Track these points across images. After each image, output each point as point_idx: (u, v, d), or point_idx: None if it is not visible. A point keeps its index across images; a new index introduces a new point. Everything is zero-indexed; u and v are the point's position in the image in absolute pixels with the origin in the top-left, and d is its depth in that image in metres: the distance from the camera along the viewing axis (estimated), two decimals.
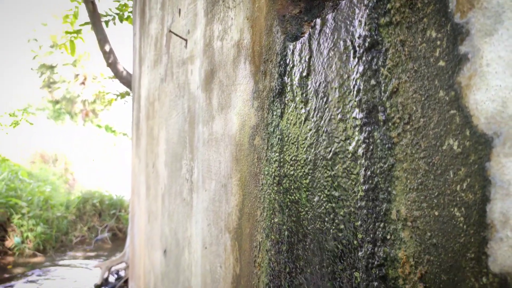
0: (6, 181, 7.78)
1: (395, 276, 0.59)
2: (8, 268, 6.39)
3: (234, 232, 1.19)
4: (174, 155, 1.98)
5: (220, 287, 1.31)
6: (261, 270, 1.01)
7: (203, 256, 1.50)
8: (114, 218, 8.27)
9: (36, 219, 7.29)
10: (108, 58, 5.35)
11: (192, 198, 1.66)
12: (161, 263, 2.25)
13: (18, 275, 6.11)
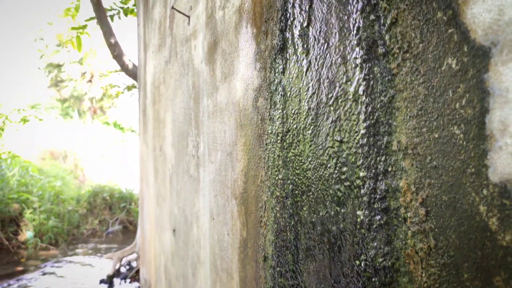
0: (17, 177, 7.88)
1: (396, 206, 0.59)
2: (22, 261, 6.49)
3: (240, 197, 1.20)
4: (180, 134, 1.99)
5: (228, 254, 1.32)
6: (267, 228, 1.02)
7: (211, 227, 1.51)
8: (124, 211, 8.35)
9: (48, 213, 7.38)
10: (113, 50, 5.37)
11: (199, 173, 1.67)
12: (171, 243, 2.27)
13: (31, 267, 6.21)
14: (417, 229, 0.55)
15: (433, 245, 0.53)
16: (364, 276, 0.66)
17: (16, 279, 5.73)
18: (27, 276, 5.85)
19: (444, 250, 0.51)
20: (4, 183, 7.36)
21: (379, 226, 0.62)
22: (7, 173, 7.79)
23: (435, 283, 0.53)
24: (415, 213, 0.56)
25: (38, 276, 5.85)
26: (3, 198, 7.03)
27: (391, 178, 0.60)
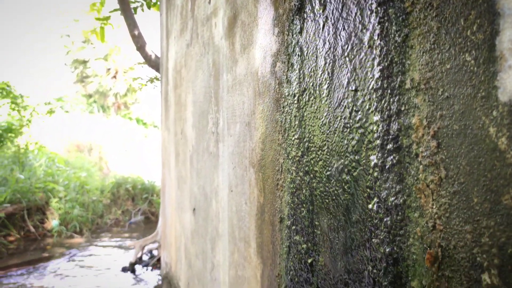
0: (43, 167, 8.14)
1: (409, 143, 0.60)
2: (48, 248, 6.70)
3: (257, 164, 1.22)
4: (201, 114, 2.03)
5: (245, 223, 1.35)
6: (284, 190, 1.04)
7: (229, 200, 1.54)
8: (147, 202, 8.50)
9: (73, 203, 7.60)
10: (137, 42, 5.47)
11: (218, 149, 1.70)
12: (191, 222, 2.31)
13: (57, 254, 6.41)
14: (428, 162, 0.56)
15: (444, 175, 0.54)
16: (377, 218, 0.67)
17: (42, 265, 5.93)
18: (52, 262, 6.05)
19: (455, 178, 0.52)
20: (31, 173, 7.61)
21: (391, 166, 0.63)
22: (34, 164, 8.05)
23: (445, 213, 0.53)
24: (427, 147, 0.56)
25: (63, 262, 6.03)
26: (30, 187, 7.28)
27: (404, 116, 0.61)
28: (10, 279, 5.38)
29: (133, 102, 28.03)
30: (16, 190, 6.94)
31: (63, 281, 5.31)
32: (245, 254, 1.35)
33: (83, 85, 25.15)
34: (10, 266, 5.84)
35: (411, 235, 0.60)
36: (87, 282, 5.23)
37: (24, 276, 5.49)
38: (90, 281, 5.28)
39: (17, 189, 6.96)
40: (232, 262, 1.52)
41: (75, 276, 5.47)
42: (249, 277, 1.32)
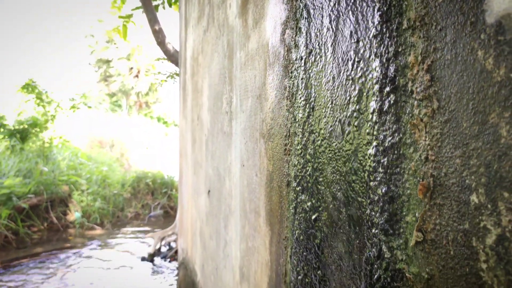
0: (67, 161, 8.37)
1: (405, 82, 0.62)
2: (70, 239, 6.89)
3: (267, 134, 1.25)
4: (216, 96, 2.07)
5: (256, 194, 1.37)
6: (290, 154, 1.06)
7: (241, 175, 1.57)
8: (166, 197, 8.64)
9: (95, 196, 7.78)
10: (157, 37, 5.58)
11: (231, 127, 1.73)
12: (206, 205, 2.36)
13: (78, 244, 6.58)
14: (422, 96, 0.58)
15: (436, 107, 0.55)
16: (375, 161, 0.68)
17: (65, 254, 6.11)
18: (74, 251, 6.22)
19: (446, 107, 0.53)
20: (55, 166, 7.83)
21: (389, 107, 0.65)
22: (58, 157, 8.28)
23: (437, 143, 0.55)
24: (421, 82, 0.58)
25: (84, 252, 6.20)
26: (54, 180, 7.50)
27: (401, 57, 0.62)
28: (35, 266, 5.56)
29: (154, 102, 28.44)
30: (40, 182, 7.15)
31: (85, 268, 5.45)
32: (255, 224, 1.38)
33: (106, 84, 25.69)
34: (34, 254, 6.03)
35: (405, 171, 0.61)
36: (107, 271, 5.36)
37: (48, 263, 5.66)
38: (111, 270, 5.40)
39: (41, 181, 7.17)
40: (243, 235, 1.55)
41: (96, 264, 5.61)
42: (258, 246, 1.35)
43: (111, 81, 25.59)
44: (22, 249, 6.30)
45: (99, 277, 5.18)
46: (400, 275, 0.62)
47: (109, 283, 4.96)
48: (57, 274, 5.28)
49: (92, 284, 4.95)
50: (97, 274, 5.27)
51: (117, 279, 5.10)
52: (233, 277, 1.70)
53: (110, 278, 5.13)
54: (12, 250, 6.24)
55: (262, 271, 1.31)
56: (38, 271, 5.38)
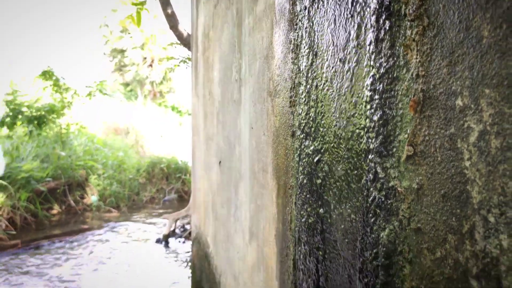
0: (83, 146, 8.54)
1: (398, 7, 0.64)
2: (87, 221, 7.07)
3: (273, 91, 1.28)
4: (226, 67, 2.10)
5: (264, 153, 1.41)
6: (295, 104, 1.09)
7: (250, 138, 1.61)
8: (180, 181, 8.76)
9: (111, 180, 7.94)
10: (170, 21, 5.62)
11: (241, 94, 1.77)
12: (217, 176, 2.41)
13: (96, 226, 6.75)
14: (414, 16, 0.60)
15: (426, 24, 0.58)
16: (371, 90, 0.71)
17: (83, 235, 6.28)
18: (92, 233, 6.39)
19: (435, 23, 0.56)
20: (71, 151, 8.01)
21: (384, 34, 0.68)
22: (75, 143, 8.46)
23: (427, 58, 0.58)
24: (413, 3, 0.61)
25: (101, 233, 6.36)
26: (71, 164, 7.67)
27: None
28: (53, 246, 5.74)
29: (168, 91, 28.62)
30: (57, 167, 7.33)
31: (102, 248, 5.60)
32: (263, 182, 1.43)
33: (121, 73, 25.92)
34: (52, 235, 6.22)
35: (398, 92, 0.64)
36: (124, 250, 5.50)
37: (66, 243, 5.83)
38: (127, 250, 5.55)
39: (58, 165, 7.34)
40: (252, 196, 1.59)
41: (113, 245, 5.76)
42: (266, 203, 1.39)
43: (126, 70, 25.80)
44: (41, 230, 6.49)
45: (115, 256, 5.32)
46: (393, 192, 0.66)
47: (125, 262, 5.10)
48: (74, 253, 5.44)
49: (108, 263, 5.09)
50: (113, 254, 5.42)
51: (133, 259, 5.23)
52: (243, 238, 1.76)
53: (126, 257, 5.27)
54: (32, 231, 6.44)
55: (269, 225, 1.36)
56: (57, 250, 5.56)
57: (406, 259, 0.63)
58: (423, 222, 0.59)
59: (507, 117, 0.45)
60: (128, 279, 4.59)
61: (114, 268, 4.92)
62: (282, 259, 1.22)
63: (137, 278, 4.64)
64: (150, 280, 4.56)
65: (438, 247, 0.56)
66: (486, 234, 0.48)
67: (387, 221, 0.67)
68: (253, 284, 1.60)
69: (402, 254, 0.64)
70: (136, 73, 25.52)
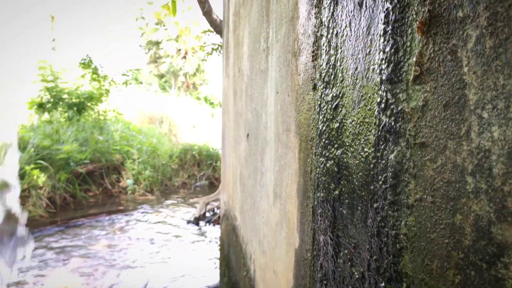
0: (120, 132, 8.86)
1: None
2: (122, 203, 7.36)
3: (298, 50, 1.33)
4: (254, 40, 2.16)
5: (287, 112, 1.46)
6: (316, 57, 1.14)
7: (275, 102, 1.66)
8: (211, 168, 8.95)
9: (145, 165, 8.22)
10: (203, 7, 5.73)
11: (268, 62, 1.83)
12: (245, 149, 2.48)
13: (130, 208, 7.02)
14: None
15: None
16: (384, 23, 0.75)
17: (119, 215, 6.56)
18: (127, 213, 6.66)
19: None
20: (109, 136, 8.34)
21: None
22: (112, 129, 8.79)
23: None
24: None
25: (136, 214, 6.62)
26: (108, 149, 7.99)
27: None
28: (90, 224, 6.03)
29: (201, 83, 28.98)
30: (95, 150, 7.65)
31: (137, 227, 5.84)
32: (287, 141, 1.48)
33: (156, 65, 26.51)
34: (89, 215, 6.53)
35: (409, 18, 0.68)
36: (157, 230, 5.71)
37: (103, 222, 6.11)
38: (160, 229, 5.76)
39: (96, 149, 7.67)
40: (276, 158, 1.65)
41: (146, 225, 5.99)
42: (289, 160, 1.45)
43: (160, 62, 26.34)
44: (79, 210, 6.83)
45: (148, 234, 5.53)
46: (401, 115, 0.70)
47: (157, 240, 5.29)
48: (110, 232, 5.70)
49: (141, 240, 5.31)
50: (146, 232, 5.63)
51: (165, 237, 5.43)
52: (267, 202, 1.82)
53: (158, 235, 5.47)
54: (70, 210, 6.78)
55: (291, 182, 1.41)
56: (94, 228, 5.84)
57: (411, 174, 0.67)
58: (427, 136, 0.63)
59: (500, 15, 0.48)
60: (160, 255, 4.78)
61: (146, 245, 5.13)
62: (303, 210, 1.28)
63: (168, 254, 4.82)
64: (181, 257, 4.73)
65: (439, 155, 0.60)
66: (480, 131, 0.52)
67: (395, 144, 0.71)
68: (276, 243, 1.66)
69: (408, 170, 0.68)
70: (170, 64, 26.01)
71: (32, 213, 6.05)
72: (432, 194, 0.62)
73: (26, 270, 4.22)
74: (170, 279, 4.09)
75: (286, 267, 1.48)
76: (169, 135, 12.87)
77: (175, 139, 12.95)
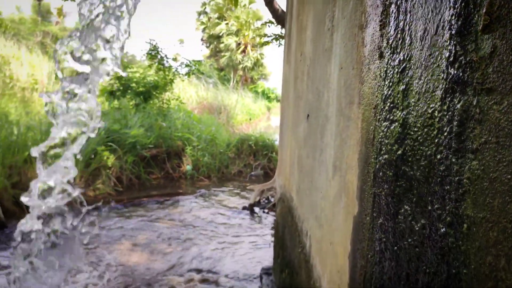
0: (181, 120, 9.25)
1: None
2: (182, 186, 7.70)
3: (364, 22, 1.37)
4: (319, 22, 2.20)
5: (351, 86, 1.51)
6: (385, 26, 1.17)
7: (339, 78, 1.70)
8: (266, 158, 9.08)
9: (204, 152, 8.52)
10: None
11: (332, 41, 1.87)
12: (304, 130, 2.54)
13: (189, 191, 7.34)
14: None
15: None
16: None
17: (179, 197, 6.90)
18: (186, 196, 6.98)
19: None
20: (171, 123, 8.73)
21: None
22: (174, 116, 9.20)
23: None
24: None
25: (194, 198, 6.92)
26: (170, 135, 8.38)
27: None
28: (153, 204, 6.40)
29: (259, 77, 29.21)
30: (159, 136, 8.05)
31: (195, 209, 6.12)
32: (349, 114, 1.52)
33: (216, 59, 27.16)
34: (152, 195, 6.92)
35: None
36: (213, 213, 5.95)
37: (164, 203, 6.47)
38: (216, 212, 5.99)
39: (160, 135, 8.07)
40: (337, 133, 1.70)
41: (204, 208, 6.25)
42: (351, 132, 1.49)
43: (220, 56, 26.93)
44: (143, 191, 7.25)
45: (205, 216, 5.78)
46: (469, 65, 0.73)
47: (213, 222, 5.51)
48: (169, 211, 6.02)
49: (199, 221, 5.55)
50: (203, 214, 5.89)
51: (221, 219, 5.64)
52: (326, 177, 1.87)
53: (214, 218, 5.69)
54: (135, 191, 7.22)
55: (353, 152, 1.46)
56: (156, 208, 6.20)
57: (477, 120, 0.70)
58: (494, 81, 0.66)
59: None
60: (216, 236, 4.98)
61: (203, 226, 5.36)
62: (363, 177, 1.32)
63: (224, 236, 5.01)
64: (236, 240, 4.89)
65: (506, 97, 0.63)
66: None
67: (463, 93, 0.75)
68: (334, 215, 1.72)
69: (474, 117, 0.71)
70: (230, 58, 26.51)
71: (101, 190, 6.54)
72: (496, 135, 0.65)
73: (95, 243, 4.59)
74: (225, 259, 4.27)
75: (344, 235, 1.53)
76: (227, 126, 13.19)
77: (232, 129, 13.25)
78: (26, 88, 10.97)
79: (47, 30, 25.45)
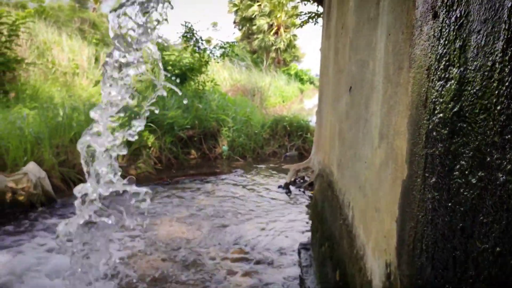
0: (216, 101, 9.37)
1: None
2: (218, 166, 7.86)
3: None
4: None
5: (401, 52, 1.50)
6: None
7: (386, 45, 1.69)
8: (301, 139, 9.08)
9: (239, 133, 8.63)
10: None
11: (378, 9, 1.85)
12: (346, 103, 2.54)
13: (225, 171, 7.49)
14: None
15: None
16: None
17: (216, 176, 7.05)
18: (223, 175, 7.13)
19: None
20: (207, 105, 8.87)
21: None
22: (209, 98, 9.33)
23: None
24: None
25: (231, 176, 7.06)
26: (206, 116, 8.53)
27: None
28: (191, 183, 6.58)
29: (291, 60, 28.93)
30: (195, 117, 8.22)
31: (232, 188, 6.24)
32: (397, 80, 1.52)
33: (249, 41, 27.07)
34: (190, 174, 7.11)
35: None
36: (250, 191, 6.06)
37: (202, 181, 6.63)
38: (253, 190, 6.09)
39: (196, 116, 8.23)
40: (384, 101, 1.70)
41: (240, 186, 6.37)
42: (399, 98, 1.49)
43: (253, 38, 26.81)
44: (181, 170, 7.47)
45: (242, 194, 5.89)
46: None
47: (251, 200, 5.62)
48: (207, 189, 6.17)
49: (236, 198, 5.67)
50: (240, 192, 6.00)
51: (257, 198, 5.73)
52: (371, 146, 1.88)
53: (252, 195, 5.80)
54: (174, 170, 7.45)
55: (401, 118, 1.46)
56: (194, 186, 6.37)
57: None
58: None
59: None
60: (253, 214, 5.09)
61: (241, 204, 5.48)
62: (414, 140, 1.33)
63: (261, 214, 5.10)
64: (273, 217, 4.98)
65: None
66: None
67: None
68: (380, 183, 1.73)
69: None
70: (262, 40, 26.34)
71: (142, 169, 6.79)
72: None
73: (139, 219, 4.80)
74: (263, 235, 4.36)
75: (391, 201, 1.55)
76: (260, 107, 13.23)
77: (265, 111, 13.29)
78: (68, 72, 11.40)
79: (85, 17, 26.14)
